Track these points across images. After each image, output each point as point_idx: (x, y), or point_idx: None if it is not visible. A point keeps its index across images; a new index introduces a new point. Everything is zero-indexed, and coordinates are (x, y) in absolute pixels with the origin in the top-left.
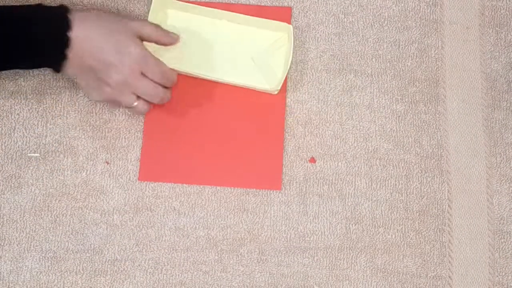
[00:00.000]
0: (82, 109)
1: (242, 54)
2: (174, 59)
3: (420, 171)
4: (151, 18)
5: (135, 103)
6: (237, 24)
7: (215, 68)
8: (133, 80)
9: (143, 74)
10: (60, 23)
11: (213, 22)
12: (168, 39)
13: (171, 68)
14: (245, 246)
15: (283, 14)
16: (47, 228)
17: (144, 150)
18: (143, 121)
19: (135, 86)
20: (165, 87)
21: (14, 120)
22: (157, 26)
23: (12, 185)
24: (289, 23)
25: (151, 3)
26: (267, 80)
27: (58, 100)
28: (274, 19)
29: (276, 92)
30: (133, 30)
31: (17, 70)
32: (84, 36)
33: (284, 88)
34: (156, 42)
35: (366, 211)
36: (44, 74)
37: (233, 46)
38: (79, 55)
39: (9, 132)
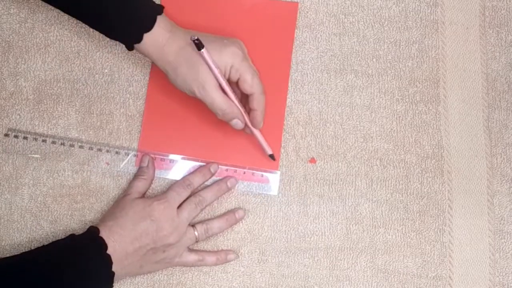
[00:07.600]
0: (82, 109)
1: None
2: None
3: (420, 172)
4: None
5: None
6: None
7: None
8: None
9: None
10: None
11: None
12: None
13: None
14: (246, 246)
15: (289, 10)
16: (47, 228)
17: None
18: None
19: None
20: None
21: (15, 121)
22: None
23: (12, 185)
24: (295, 19)
25: None
26: None
27: (58, 100)
28: (280, 15)
29: None
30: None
31: (17, 70)
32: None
33: (284, 88)
34: None
35: (366, 212)
36: (44, 75)
37: None
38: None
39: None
